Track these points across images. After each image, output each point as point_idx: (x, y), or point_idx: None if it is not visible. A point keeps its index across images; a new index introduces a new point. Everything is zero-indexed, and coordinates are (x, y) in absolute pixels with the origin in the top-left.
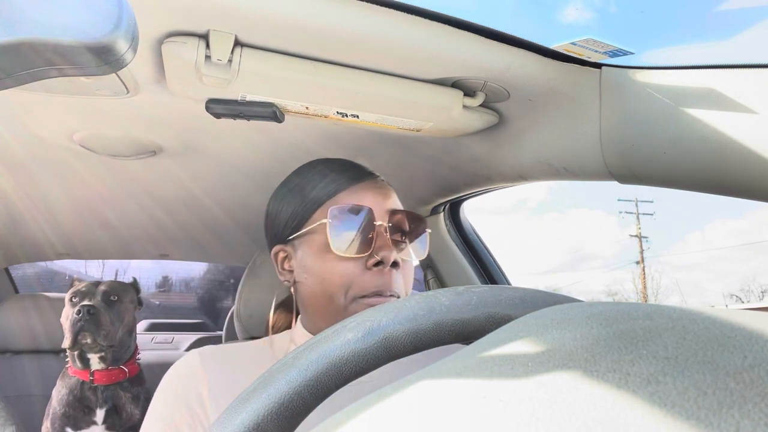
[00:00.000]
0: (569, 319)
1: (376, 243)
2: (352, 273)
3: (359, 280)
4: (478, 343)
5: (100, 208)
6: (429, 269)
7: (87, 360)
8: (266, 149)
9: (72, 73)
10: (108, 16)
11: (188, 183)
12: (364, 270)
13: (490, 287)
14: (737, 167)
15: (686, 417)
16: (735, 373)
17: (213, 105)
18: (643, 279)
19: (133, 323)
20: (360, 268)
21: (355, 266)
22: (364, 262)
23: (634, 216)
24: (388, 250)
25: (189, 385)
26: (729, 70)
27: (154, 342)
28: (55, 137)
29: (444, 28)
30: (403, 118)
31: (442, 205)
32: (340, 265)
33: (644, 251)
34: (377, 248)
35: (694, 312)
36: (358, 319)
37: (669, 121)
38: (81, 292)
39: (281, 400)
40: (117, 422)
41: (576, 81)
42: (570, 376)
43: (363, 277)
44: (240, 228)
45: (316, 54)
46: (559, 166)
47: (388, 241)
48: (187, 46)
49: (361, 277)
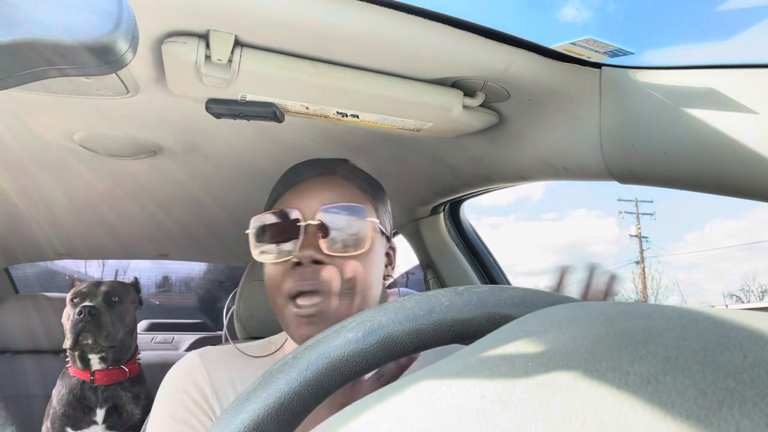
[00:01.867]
0: (569, 319)
1: (303, 244)
2: (279, 275)
3: (286, 282)
4: (478, 343)
5: (100, 208)
6: (429, 269)
7: (88, 360)
8: (266, 149)
9: (72, 73)
10: (108, 16)
11: (188, 183)
12: (288, 271)
13: (490, 287)
14: (737, 167)
15: (686, 417)
16: (735, 373)
17: (213, 105)
18: (642, 279)
19: (134, 323)
20: (286, 269)
21: (281, 269)
22: (288, 263)
23: (634, 216)
24: (308, 249)
25: (192, 383)
26: (729, 70)
27: (154, 342)
28: (55, 137)
29: (444, 28)
30: (403, 118)
31: (442, 205)
32: (270, 269)
33: (644, 251)
34: (300, 248)
35: (694, 312)
36: (359, 319)
37: (669, 121)
38: (82, 293)
39: (281, 400)
40: (117, 422)
41: (576, 81)
42: (570, 376)
43: (288, 278)
44: (240, 228)
45: (316, 54)
46: (559, 166)
47: (311, 241)
48: (187, 46)
49: (286, 278)
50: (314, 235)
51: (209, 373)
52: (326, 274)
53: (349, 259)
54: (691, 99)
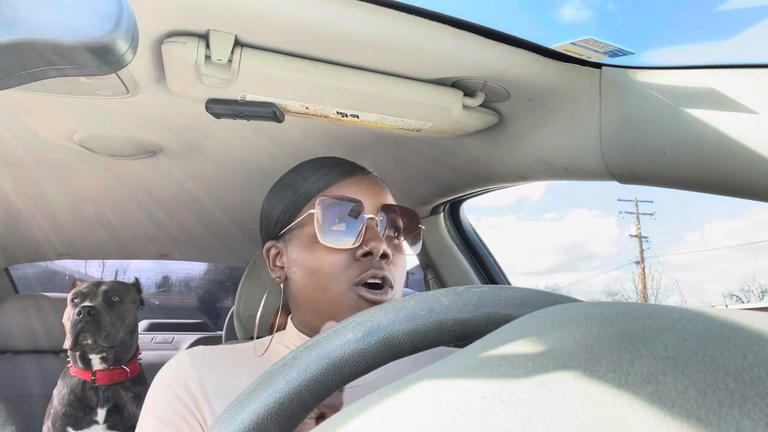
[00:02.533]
0: (569, 319)
1: (366, 235)
2: (341, 263)
3: (349, 269)
4: (478, 343)
5: (100, 208)
6: (429, 269)
7: (89, 360)
8: (266, 149)
9: (72, 73)
10: (108, 16)
11: (188, 183)
12: (353, 260)
13: (490, 287)
14: (737, 167)
15: (686, 417)
16: (735, 373)
17: (213, 105)
18: (642, 279)
19: (135, 323)
20: (349, 258)
21: (344, 257)
22: (353, 253)
23: (634, 216)
24: (377, 242)
25: (182, 384)
26: (729, 70)
27: (154, 342)
28: (55, 137)
29: (444, 28)
30: (403, 118)
31: (442, 205)
32: (329, 256)
33: (644, 251)
34: (366, 240)
35: (694, 312)
36: (358, 319)
37: (669, 121)
38: (82, 293)
39: (281, 400)
40: (118, 422)
41: (576, 81)
42: (570, 376)
43: (352, 267)
44: (240, 228)
45: (316, 54)
46: (559, 166)
47: (378, 234)
48: (187, 46)
49: (351, 266)
50: (377, 229)
51: (199, 374)
52: (393, 268)
53: (402, 258)
54: (691, 99)
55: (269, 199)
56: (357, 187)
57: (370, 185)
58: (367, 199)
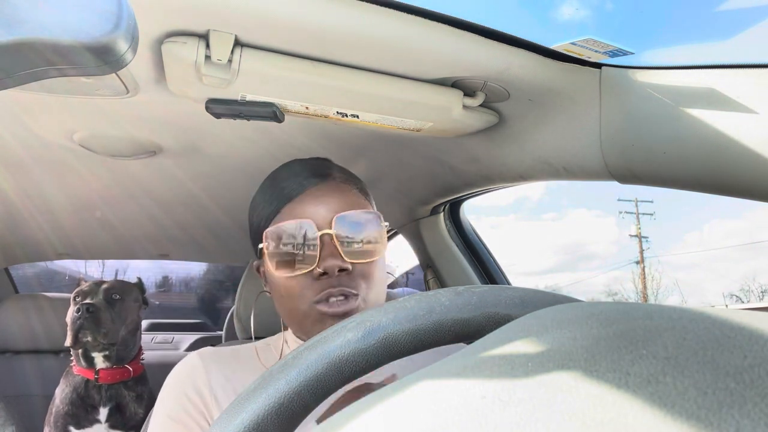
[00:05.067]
0: (569, 319)
1: (322, 252)
2: (300, 286)
3: (309, 291)
4: (478, 343)
5: (100, 208)
6: (429, 269)
7: (92, 359)
8: (266, 149)
9: (72, 73)
10: (108, 16)
11: (188, 183)
12: (313, 280)
13: (490, 287)
14: (737, 167)
15: (686, 417)
16: (735, 373)
17: (213, 105)
18: (642, 279)
19: (137, 323)
20: (309, 279)
21: (302, 279)
22: (312, 273)
23: (634, 216)
24: (333, 259)
25: (193, 384)
26: (729, 70)
27: (154, 342)
28: (55, 137)
29: (444, 28)
30: (403, 118)
31: (441, 205)
32: (288, 281)
33: (644, 251)
34: (323, 257)
35: (694, 312)
36: (359, 319)
37: (669, 121)
38: (83, 292)
39: (281, 400)
40: (120, 421)
41: (576, 81)
42: (570, 376)
43: (311, 288)
44: (240, 228)
45: (316, 54)
46: (559, 166)
47: (334, 249)
48: (187, 46)
49: (309, 288)
50: (333, 244)
51: (208, 375)
52: (353, 281)
53: (368, 264)
54: (691, 99)
55: (249, 215)
56: (305, 205)
57: (322, 197)
58: (319, 215)
